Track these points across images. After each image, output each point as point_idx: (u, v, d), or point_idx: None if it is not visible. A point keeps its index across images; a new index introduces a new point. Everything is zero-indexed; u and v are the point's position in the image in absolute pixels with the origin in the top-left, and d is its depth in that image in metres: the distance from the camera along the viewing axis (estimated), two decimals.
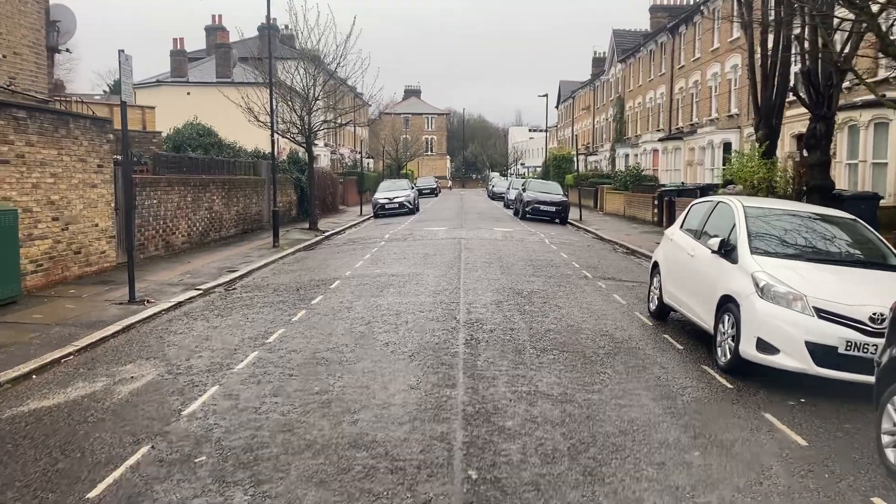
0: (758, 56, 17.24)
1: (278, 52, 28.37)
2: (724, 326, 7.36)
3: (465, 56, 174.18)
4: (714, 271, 7.84)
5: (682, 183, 29.92)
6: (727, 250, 7.72)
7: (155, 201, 16.58)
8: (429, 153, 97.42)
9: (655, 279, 9.98)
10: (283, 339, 8.50)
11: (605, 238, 22.45)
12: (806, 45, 14.49)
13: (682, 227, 9.65)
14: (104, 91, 68.53)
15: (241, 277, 14.29)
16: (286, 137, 24.82)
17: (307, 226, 25.19)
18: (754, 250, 7.45)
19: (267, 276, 14.61)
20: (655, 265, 10.10)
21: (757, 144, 17.36)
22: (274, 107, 21.41)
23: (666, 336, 8.81)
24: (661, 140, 37.31)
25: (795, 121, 21.60)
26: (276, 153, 21.03)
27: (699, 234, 8.82)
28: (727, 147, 29.27)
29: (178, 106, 34.61)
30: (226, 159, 22.96)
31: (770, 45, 16.62)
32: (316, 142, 46.02)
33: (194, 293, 12.33)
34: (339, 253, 18.15)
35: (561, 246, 19.34)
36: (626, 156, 43.48)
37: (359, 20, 29.16)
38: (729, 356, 7.17)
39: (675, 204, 24.47)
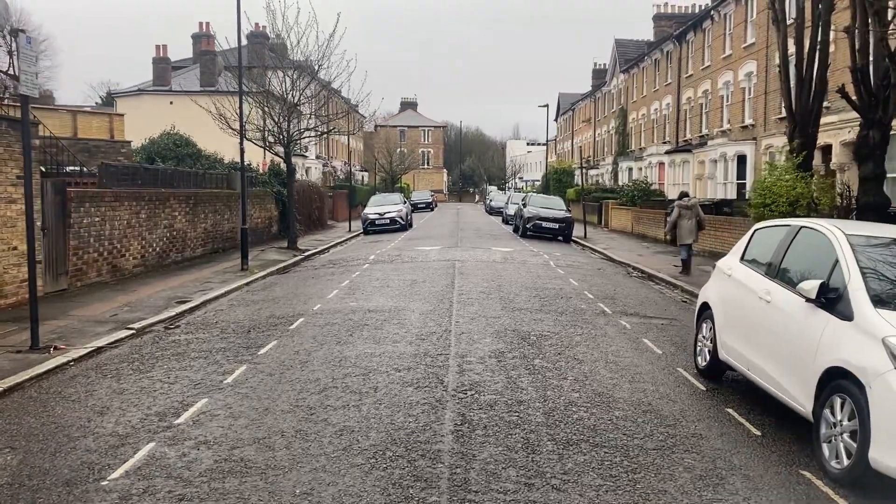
0: (791, 54, 15.14)
1: (266, 60, 26.28)
2: (834, 415, 4.99)
3: (462, 69, 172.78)
4: (810, 329, 5.47)
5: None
6: (830, 298, 5.38)
7: (97, 219, 14.19)
8: (425, 166, 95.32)
9: (705, 326, 7.60)
10: (200, 418, 6.09)
11: (616, 259, 20.09)
12: (856, 38, 12.54)
13: (742, 258, 7.30)
14: (96, 103, 66.14)
15: (190, 311, 11.91)
16: (262, 146, 22.43)
17: (286, 244, 22.81)
18: (876, 300, 5.10)
19: (222, 308, 12.24)
20: (705, 307, 7.71)
21: (793, 155, 15.17)
22: (245, 112, 19.09)
23: (729, 410, 6.41)
24: (667, 153, 35.15)
25: (821, 131, 19.33)
26: (244, 162, 18.62)
27: (775, 271, 6.45)
28: (741, 160, 27.11)
29: (160, 115, 32.98)
30: (193, 171, 20.58)
31: (806, 42, 14.59)
32: (305, 153, 43.99)
33: (124, 334, 9.96)
34: (313, 278, 15.75)
35: (569, 270, 16.98)
36: (630, 169, 41.33)
37: (355, 31, 26.99)
38: (847, 463, 4.79)
39: None
